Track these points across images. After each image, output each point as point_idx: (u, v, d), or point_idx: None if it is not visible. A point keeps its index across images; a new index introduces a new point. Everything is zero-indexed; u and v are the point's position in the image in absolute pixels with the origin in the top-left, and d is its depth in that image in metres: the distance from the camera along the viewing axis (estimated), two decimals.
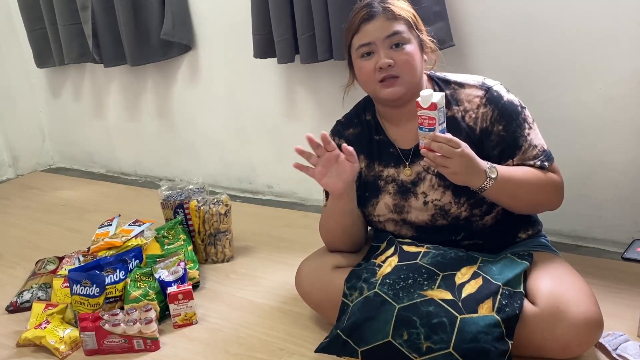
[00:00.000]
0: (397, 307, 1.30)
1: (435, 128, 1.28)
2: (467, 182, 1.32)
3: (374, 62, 1.41)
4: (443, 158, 1.28)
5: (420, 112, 1.30)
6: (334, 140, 1.58)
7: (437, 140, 1.28)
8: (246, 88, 2.57)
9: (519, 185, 1.36)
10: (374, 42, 1.40)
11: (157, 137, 3.00)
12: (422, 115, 1.29)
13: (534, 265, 1.38)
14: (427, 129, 1.29)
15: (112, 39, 2.74)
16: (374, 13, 1.40)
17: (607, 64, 1.71)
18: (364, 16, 1.41)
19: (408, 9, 1.45)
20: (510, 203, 1.40)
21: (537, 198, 1.40)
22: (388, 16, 1.40)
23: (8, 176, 3.37)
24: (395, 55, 1.40)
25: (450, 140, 1.28)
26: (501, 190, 1.34)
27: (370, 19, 1.40)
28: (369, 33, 1.41)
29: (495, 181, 1.31)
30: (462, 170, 1.29)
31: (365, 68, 1.43)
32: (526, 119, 1.42)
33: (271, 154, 2.60)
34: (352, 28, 1.44)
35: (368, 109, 1.57)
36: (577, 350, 1.27)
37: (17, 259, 2.23)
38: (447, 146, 1.27)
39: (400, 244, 1.48)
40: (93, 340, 1.55)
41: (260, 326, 1.63)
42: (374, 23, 1.40)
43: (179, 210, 2.09)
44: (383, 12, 1.40)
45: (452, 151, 1.27)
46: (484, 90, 1.43)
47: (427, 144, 1.30)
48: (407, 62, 1.40)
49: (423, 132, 1.31)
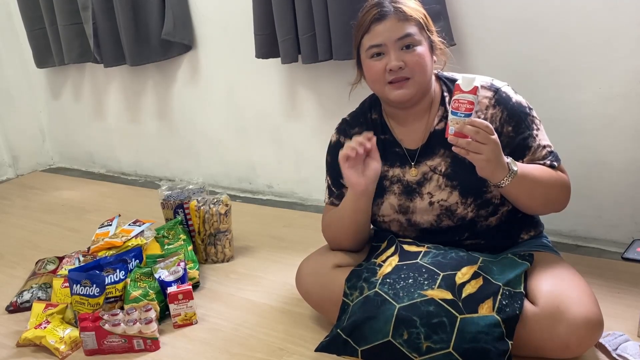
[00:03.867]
0: (398, 307, 1.30)
1: (472, 114, 1.26)
2: (493, 174, 1.30)
3: (384, 63, 1.40)
4: (477, 144, 1.25)
5: (458, 96, 1.26)
6: (339, 138, 1.58)
7: (475, 125, 1.25)
8: (246, 88, 2.57)
9: (536, 181, 1.35)
10: (385, 43, 1.39)
11: (157, 137, 3.00)
12: (461, 99, 1.26)
13: (534, 266, 1.38)
14: (464, 114, 1.26)
15: (112, 39, 2.74)
16: (385, 13, 1.39)
17: (607, 64, 1.71)
18: (374, 16, 1.39)
19: (419, 9, 1.43)
20: (526, 199, 1.39)
21: (551, 196, 1.41)
22: (399, 17, 1.38)
23: (8, 176, 3.37)
24: (406, 56, 1.39)
25: (488, 127, 1.25)
26: (519, 185, 1.32)
27: (381, 19, 1.39)
28: (380, 34, 1.39)
29: (516, 175, 1.30)
30: (494, 158, 1.27)
31: (374, 68, 1.42)
32: (534, 120, 1.43)
33: (271, 154, 2.61)
34: (362, 27, 1.42)
35: (374, 108, 1.56)
36: (577, 350, 1.27)
37: (17, 259, 2.23)
38: (483, 132, 1.25)
39: (400, 243, 1.48)
40: (93, 340, 1.55)
41: (260, 326, 1.63)
42: (385, 24, 1.38)
43: (179, 210, 2.09)
44: (394, 12, 1.39)
45: (488, 137, 1.25)
46: (492, 91, 1.42)
47: (460, 129, 1.26)
48: (417, 63, 1.39)
49: (457, 117, 1.26)
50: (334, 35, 2.03)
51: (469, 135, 1.25)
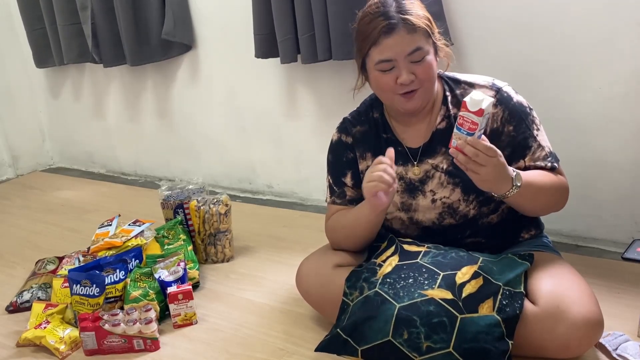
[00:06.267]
0: (398, 307, 1.30)
1: (474, 133, 1.25)
2: (493, 189, 1.32)
3: (395, 76, 1.38)
4: (475, 165, 1.26)
5: (464, 113, 1.25)
6: (341, 136, 1.58)
7: (476, 147, 1.25)
8: (246, 88, 2.57)
9: (538, 189, 1.36)
10: (396, 58, 1.37)
11: (157, 137, 3.00)
12: (465, 117, 1.25)
13: (534, 266, 1.38)
14: (466, 132, 1.25)
15: (111, 39, 2.74)
16: (394, 25, 1.35)
17: (607, 64, 1.71)
18: (383, 28, 1.36)
19: (424, 14, 1.41)
20: (528, 207, 1.41)
21: (552, 201, 1.42)
22: (408, 29, 1.35)
23: (8, 176, 3.37)
24: (416, 69, 1.38)
25: (490, 150, 1.25)
26: (523, 195, 1.33)
27: (390, 32, 1.35)
28: (389, 48, 1.36)
29: (519, 188, 1.31)
30: (492, 179, 1.28)
31: (384, 80, 1.40)
32: (534, 120, 1.43)
33: (271, 154, 2.60)
34: (370, 39, 1.38)
35: (375, 107, 1.56)
36: (577, 350, 1.27)
37: (17, 259, 2.22)
38: (483, 154, 1.25)
39: (400, 243, 1.48)
40: (93, 340, 1.55)
41: (260, 326, 1.63)
42: (394, 37, 1.35)
43: (179, 210, 2.09)
44: (403, 23, 1.35)
45: (487, 159, 1.25)
46: (494, 91, 1.42)
47: (461, 146, 1.26)
48: (427, 74, 1.39)
49: (460, 133, 1.26)
50: (333, 35, 2.03)
51: (467, 154, 1.26)
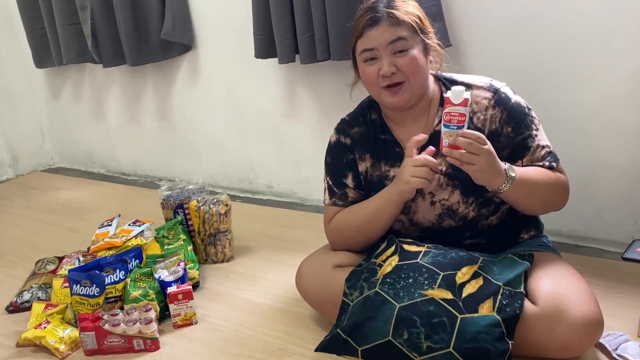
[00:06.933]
0: (398, 307, 1.30)
1: (464, 125, 1.27)
2: (490, 182, 1.32)
3: (377, 68, 1.41)
4: (470, 155, 1.27)
5: (449, 109, 1.27)
6: (339, 138, 1.58)
7: (466, 136, 1.26)
8: (246, 88, 2.57)
9: (534, 185, 1.37)
10: (377, 47, 1.39)
11: (157, 137, 3.00)
12: (452, 112, 1.27)
13: (534, 266, 1.38)
14: (456, 126, 1.27)
15: (111, 39, 2.74)
16: (378, 18, 1.39)
17: (607, 64, 1.71)
18: (367, 21, 1.40)
19: (414, 11, 1.42)
20: (525, 203, 1.40)
21: (549, 198, 1.42)
22: (392, 22, 1.39)
23: (8, 176, 3.37)
24: (398, 61, 1.39)
25: (479, 137, 1.27)
26: (518, 190, 1.33)
27: (373, 24, 1.39)
28: (372, 39, 1.40)
29: (514, 181, 1.31)
30: (488, 168, 1.29)
31: (368, 72, 1.43)
32: (533, 120, 1.43)
33: (271, 154, 2.60)
34: (356, 31, 1.43)
35: (373, 108, 1.56)
36: (577, 350, 1.27)
37: (17, 259, 2.22)
38: (476, 143, 1.26)
39: (400, 243, 1.48)
40: (93, 340, 1.55)
41: (260, 326, 1.63)
42: (377, 29, 1.39)
43: (179, 210, 2.09)
44: (387, 17, 1.39)
45: (480, 148, 1.26)
46: (492, 92, 1.43)
47: (453, 141, 1.28)
48: (410, 67, 1.39)
49: (450, 129, 1.28)
50: (331, 35, 2.04)
51: (461, 146, 1.27)
